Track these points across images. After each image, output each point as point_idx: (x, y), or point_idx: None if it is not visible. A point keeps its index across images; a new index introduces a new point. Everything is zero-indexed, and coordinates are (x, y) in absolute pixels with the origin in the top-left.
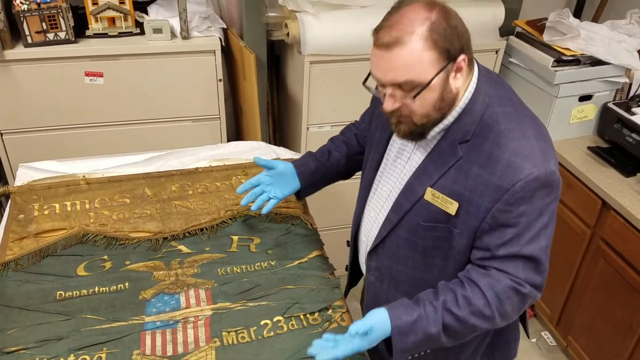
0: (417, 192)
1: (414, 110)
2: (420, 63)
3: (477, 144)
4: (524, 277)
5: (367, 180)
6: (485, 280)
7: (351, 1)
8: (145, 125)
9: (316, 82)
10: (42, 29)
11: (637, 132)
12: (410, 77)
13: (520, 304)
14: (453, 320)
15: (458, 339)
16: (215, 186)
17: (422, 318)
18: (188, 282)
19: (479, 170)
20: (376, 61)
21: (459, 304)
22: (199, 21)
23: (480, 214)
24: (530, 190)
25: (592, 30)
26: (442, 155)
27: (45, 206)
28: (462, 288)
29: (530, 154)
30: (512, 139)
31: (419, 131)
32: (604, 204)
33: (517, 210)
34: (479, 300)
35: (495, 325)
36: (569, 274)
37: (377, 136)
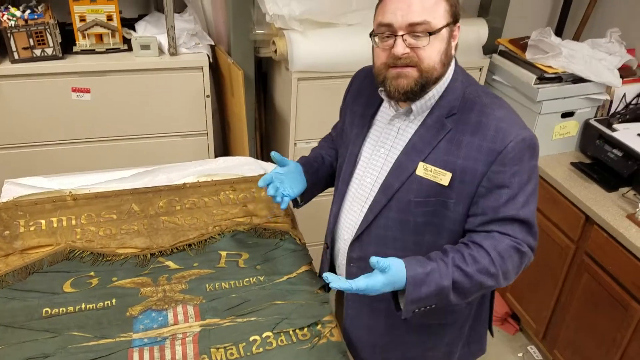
0: (408, 169)
1: (422, 58)
2: (436, 8)
3: (464, 116)
4: (522, 238)
5: (346, 175)
6: (488, 242)
7: (338, 19)
8: (133, 140)
9: (303, 98)
10: (29, 45)
11: (619, 148)
12: (427, 17)
13: (519, 264)
14: (462, 276)
15: (464, 296)
16: (203, 201)
17: (435, 271)
18: (176, 298)
19: (470, 138)
20: (393, 6)
21: (467, 261)
22: (187, 38)
23: (476, 178)
24: (520, 150)
25: (574, 48)
26: (430, 131)
27: (31, 222)
28: (468, 248)
29: (513, 121)
30: (495, 109)
31: (418, 87)
32: (587, 218)
33: (511, 170)
34: (484, 258)
35: (499, 283)
36: (554, 288)
37: (355, 132)
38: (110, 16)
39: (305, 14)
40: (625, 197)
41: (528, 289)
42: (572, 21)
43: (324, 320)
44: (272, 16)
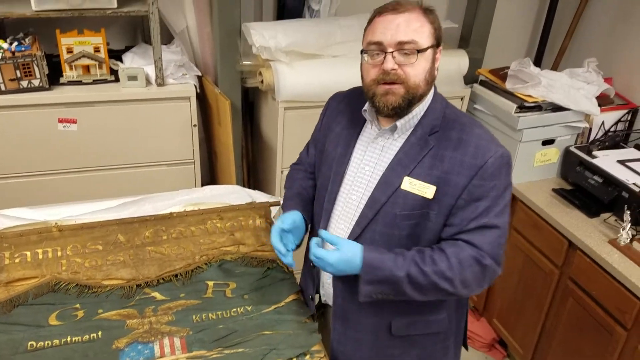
0: (394, 184)
1: (409, 75)
2: (424, 29)
3: (445, 133)
4: (488, 250)
5: (332, 194)
6: (451, 248)
7: (323, 51)
8: (119, 170)
9: (290, 127)
10: (16, 77)
11: (599, 174)
12: (415, 37)
13: (481, 276)
14: (417, 272)
15: (420, 292)
16: (190, 231)
17: (392, 259)
18: (162, 330)
19: (452, 153)
20: (383, 26)
21: (425, 261)
22: (174, 69)
23: (457, 191)
24: (498, 166)
25: (552, 78)
26: (414, 147)
27: (17, 254)
28: (431, 250)
29: (491, 139)
30: (474, 127)
31: (405, 103)
32: (570, 244)
33: (490, 183)
34: (443, 262)
35: (457, 290)
36: (539, 313)
37: (339, 152)
38: (98, 48)
39: (291, 46)
40: (606, 222)
41: (514, 315)
42: (550, 52)
43: (312, 350)
44: (259, 48)
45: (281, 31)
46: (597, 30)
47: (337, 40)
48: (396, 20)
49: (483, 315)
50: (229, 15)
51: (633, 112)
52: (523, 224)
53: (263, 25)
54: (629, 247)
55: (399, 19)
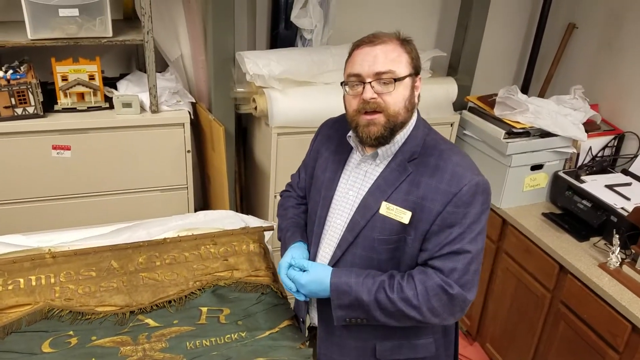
0: (372, 208)
1: (388, 104)
2: (400, 59)
3: (424, 160)
4: (456, 278)
5: (321, 218)
6: (420, 276)
7: (315, 78)
8: (113, 196)
9: (283, 152)
10: (10, 104)
11: (588, 199)
12: (392, 67)
13: (449, 304)
14: (385, 299)
15: (391, 318)
16: (183, 256)
17: (359, 284)
18: (156, 357)
19: (428, 179)
20: (360, 58)
21: (393, 288)
22: (169, 96)
23: (431, 217)
24: (473, 194)
25: (540, 104)
26: (393, 173)
27: (10, 281)
28: (401, 278)
29: (468, 166)
30: (452, 154)
31: (389, 130)
32: (561, 268)
33: (464, 211)
34: (410, 290)
35: (425, 317)
36: (532, 337)
37: (328, 177)
38: (93, 76)
39: (284, 74)
40: (596, 246)
41: (507, 339)
42: (537, 79)
43: None
44: (253, 76)
45: (274, 59)
46: (583, 58)
47: (329, 68)
48: (373, 51)
49: (476, 340)
50: (223, 43)
51: (619, 137)
52: (514, 248)
53: (257, 54)
54: (618, 271)
55: (376, 50)
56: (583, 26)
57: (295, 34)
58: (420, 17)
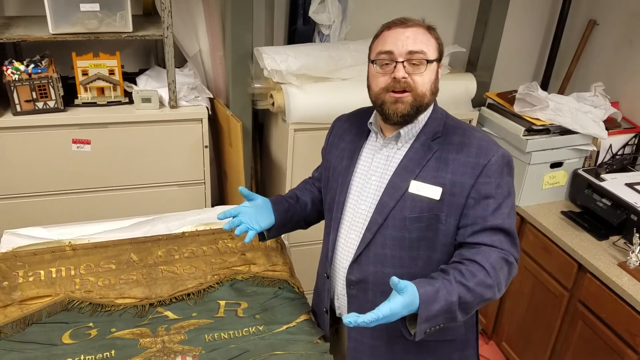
0: (401, 188)
1: (417, 84)
2: (429, 42)
3: (448, 138)
4: (508, 249)
5: (340, 203)
6: (480, 256)
7: (332, 74)
8: (131, 190)
9: (299, 149)
10: (31, 98)
11: (607, 197)
12: (424, 48)
13: (508, 275)
14: (465, 291)
15: (467, 311)
16: (201, 250)
17: (442, 287)
18: (175, 349)
19: (455, 155)
20: (393, 37)
21: (466, 277)
22: (187, 91)
23: (465, 191)
24: (501, 165)
25: (560, 102)
26: (418, 153)
27: (30, 273)
28: (464, 265)
29: (491, 140)
30: (474, 131)
31: (415, 108)
32: (580, 267)
33: (495, 181)
34: (480, 272)
35: (495, 295)
36: (549, 336)
37: (344, 164)
38: (113, 70)
39: (302, 70)
40: (615, 245)
41: (523, 338)
42: (557, 76)
43: None
44: (270, 71)
45: (292, 55)
46: (603, 55)
47: (347, 64)
48: (406, 32)
49: (492, 339)
50: (241, 39)
51: None
52: (532, 247)
53: (274, 50)
54: (638, 270)
55: (408, 32)
56: (604, 23)
57: (313, 29)
58: (440, 12)
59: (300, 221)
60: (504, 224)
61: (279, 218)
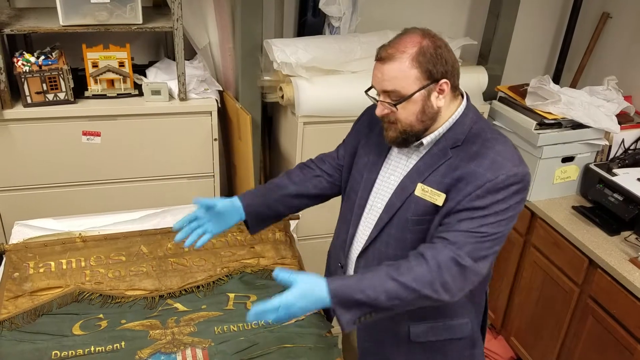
0: (409, 189)
1: (399, 118)
2: (406, 78)
3: (466, 147)
4: (468, 251)
5: (363, 199)
6: (430, 252)
7: (342, 67)
8: (141, 183)
9: (309, 142)
10: (42, 90)
11: (619, 192)
12: (396, 87)
13: (461, 278)
14: (396, 286)
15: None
16: (211, 243)
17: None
18: (185, 341)
19: (466, 163)
20: (374, 72)
21: (401, 272)
22: (197, 84)
23: (459, 197)
24: (508, 184)
25: (572, 95)
26: (433, 157)
27: (41, 264)
28: (407, 260)
29: (511, 157)
30: (496, 143)
31: (403, 137)
32: (590, 262)
33: (493, 198)
34: (421, 267)
35: (439, 295)
36: (559, 332)
37: (371, 159)
38: (123, 62)
39: (312, 62)
40: (627, 240)
41: (533, 333)
42: (569, 69)
43: None
44: (280, 64)
45: (302, 47)
46: (616, 48)
47: (357, 57)
48: (381, 69)
49: (500, 333)
50: (250, 31)
51: None
52: (543, 242)
53: (284, 42)
54: None
55: (383, 69)
56: (617, 16)
57: (323, 21)
58: (451, 4)
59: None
60: (480, 229)
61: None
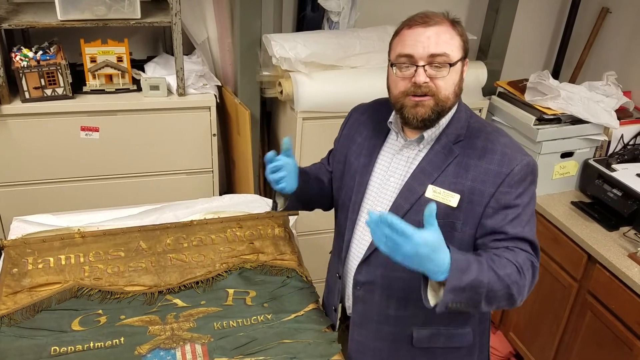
0: (417, 191)
1: (440, 88)
2: (453, 42)
3: (470, 142)
4: (532, 254)
5: (356, 203)
6: (508, 254)
7: (341, 62)
8: (139, 178)
9: (308, 137)
10: (40, 85)
11: (618, 187)
12: (446, 50)
13: (532, 279)
14: (495, 278)
15: (491, 302)
16: (210, 239)
17: (474, 262)
18: (184, 336)
19: (477, 161)
20: (413, 39)
21: (497, 265)
22: (195, 79)
23: (484, 199)
24: (524, 174)
25: (571, 90)
26: (438, 155)
27: (40, 260)
28: (496, 255)
29: (517, 147)
30: (499, 136)
31: (436, 113)
32: (589, 257)
33: (517, 191)
34: (511, 266)
35: (517, 297)
36: (557, 327)
37: (362, 162)
38: (121, 57)
39: (311, 57)
40: (626, 236)
41: (531, 329)
42: (568, 65)
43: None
44: (279, 59)
45: (301, 42)
46: (616, 43)
47: (356, 52)
48: (426, 32)
49: (499, 329)
50: (249, 26)
51: None
52: (541, 237)
53: (283, 37)
54: None
55: (430, 32)
56: (616, 11)
57: (322, 16)
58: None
59: (314, 202)
60: (523, 232)
61: (299, 189)
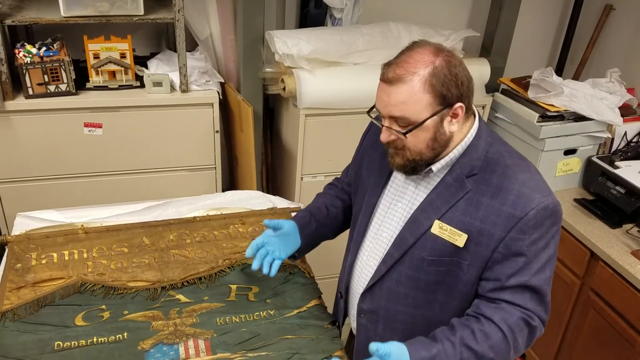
0: (423, 226)
1: (407, 146)
2: (417, 103)
3: (485, 177)
4: (532, 309)
5: (362, 226)
6: (499, 315)
7: (344, 59)
8: (143, 174)
9: (310, 134)
10: (43, 81)
11: (621, 185)
12: (405, 114)
13: (529, 337)
14: (472, 356)
15: None
16: (213, 235)
17: (440, 354)
18: (187, 332)
19: (489, 200)
20: (379, 93)
21: (477, 339)
22: (198, 75)
23: (493, 243)
24: (541, 218)
25: (575, 87)
26: (449, 189)
27: (43, 255)
28: (479, 323)
29: (537, 186)
30: (519, 172)
31: (411, 166)
32: (592, 254)
33: (530, 238)
34: (496, 334)
35: (510, 357)
36: (560, 324)
37: (373, 182)
38: (124, 54)
39: (314, 54)
40: (629, 233)
41: None
42: (572, 62)
43: (334, 355)
44: (282, 55)
45: (304, 39)
46: (619, 40)
47: (359, 48)
48: (388, 91)
49: None
50: (252, 23)
51: None
52: None
53: (286, 33)
54: None
55: (391, 92)
56: (620, 8)
57: (324, 13)
58: None
59: (328, 235)
60: (531, 281)
61: (305, 242)
